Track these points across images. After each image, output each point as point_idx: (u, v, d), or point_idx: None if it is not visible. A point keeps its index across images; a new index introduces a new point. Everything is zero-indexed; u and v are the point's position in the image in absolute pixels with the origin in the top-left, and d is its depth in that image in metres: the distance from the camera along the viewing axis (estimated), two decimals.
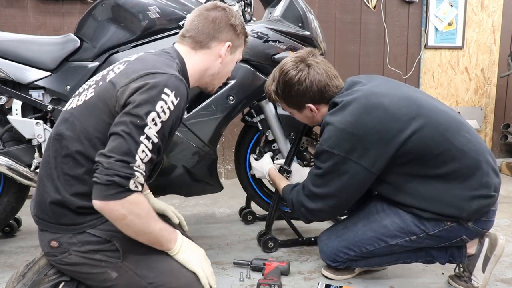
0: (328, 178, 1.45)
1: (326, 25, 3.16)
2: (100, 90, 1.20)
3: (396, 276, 1.70)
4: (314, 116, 1.58)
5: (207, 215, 2.48)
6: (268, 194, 2.11)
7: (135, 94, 1.12)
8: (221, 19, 1.36)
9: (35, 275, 1.29)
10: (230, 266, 1.78)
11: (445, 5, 3.43)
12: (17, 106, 1.80)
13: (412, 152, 1.37)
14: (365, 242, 1.52)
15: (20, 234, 2.16)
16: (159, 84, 1.12)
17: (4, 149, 1.79)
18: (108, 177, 1.04)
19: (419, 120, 1.36)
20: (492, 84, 3.66)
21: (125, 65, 1.25)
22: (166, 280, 1.24)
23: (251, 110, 1.97)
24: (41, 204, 1.24)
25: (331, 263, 1.61)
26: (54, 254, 1.23)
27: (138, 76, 1.15)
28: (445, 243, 1.48)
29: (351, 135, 1.37)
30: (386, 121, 1.36)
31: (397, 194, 1.46)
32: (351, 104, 1.40)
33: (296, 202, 1.57)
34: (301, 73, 1.49)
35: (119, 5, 1.74)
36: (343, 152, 1.39)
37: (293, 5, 1.85)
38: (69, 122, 1.21)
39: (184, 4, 1.78)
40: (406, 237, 1.46)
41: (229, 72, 1.49)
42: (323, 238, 1.66)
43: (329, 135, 1.42)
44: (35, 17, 2.84)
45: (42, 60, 1.79)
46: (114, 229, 1.16)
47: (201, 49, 1.36)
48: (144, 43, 1.76)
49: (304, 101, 1.53)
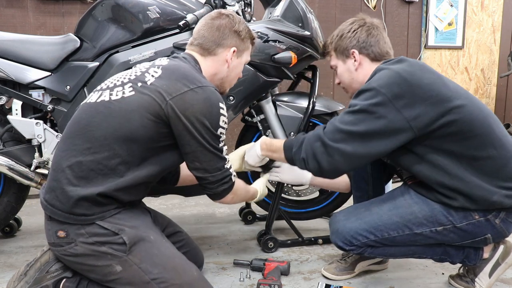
0: (361, 118, 1.32)
1: (326, 25, 3.16)
2: (143, 91, 1.26)
3: (396, 276, 1.70)
4: (355, 70, 1.53)
5: (207, 215, 2.48)
6: (268, 194, 2.11)
7: (195, 109, 1.25)
8: (225, 27, 1.42)
9: (37, 273, 1.30)
10: (230, 266, 1.78)
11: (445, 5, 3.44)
12: (17, 106, 1.80)
13: (455, 124, 1.31)
14: (389, 227, 1.43)
15: (20, 234, 2.16)
16: (213, 100, 1.28)
17: (4, 149, 1.79)
18: (220, 187, 1.36)
19: (465, 99, 1.34)
20: (492, 84, 3.66)
21: (161, 69, 1.31)
22: (169, 277, 1.26)
23: (251, 110, 1.97)
24: (55, 190, 1.25)
25: (345, 246, 1.49)
26: (60, 244, 1.25)
27: (188, 89, 1.26)
28: (469, 240, 1.42)
29: (404, 80, 1.31)
30: (438, 86, 1.33)
31: (430, 171, 1.37)
32: (408, 60, 1.40)
33: (311, 137, 1.41)
34: (357, 22, 1.55)
35: (119, 5, 1.74)
36: (390, 95, 1.29)
37: (293, 5, 1.85)
38: (105, 114, 1.25)
39: (184, 4, 1.78)
40: (432, 226, 1.40)
41: (238, 74, 1.54)
42: (339, 218, 1.53)
43: (380, 76, 1.35)
44: (35, 17, 2.84)
45: (42, 60, 1.79)
46: (122, 222, 1.24)
47: (209, 56, 1.43)
48: (144, 43, 1.76)
49: (350, 47, 1.52)
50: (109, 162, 1.23)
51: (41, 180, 1.80)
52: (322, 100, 1.97)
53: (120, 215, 1.27)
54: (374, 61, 1.51)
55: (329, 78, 3.35)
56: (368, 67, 1.51)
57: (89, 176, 1.23)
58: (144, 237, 1.27)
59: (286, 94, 2.00)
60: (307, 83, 2.04)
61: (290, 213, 2.08)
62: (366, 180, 1.69)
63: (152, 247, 1.27)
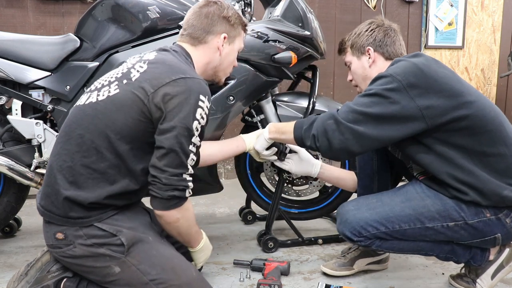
0: (376, 101, 1.34)
1: (326, 25, 3.16)
2: (127, 88, 1.24)
3: (396, 276, 1.70)
4: (369, 67, 1.56)
5: (207, 215, 2.48)
6: (268, 194, 2.11)
7: (173, 100, 1.19)
8: (213, 13, 1.40)
9: (38, 272, 1.30)
10: (230, 266, 1.78)
11: (445, 5, 3.44)
12: (17, 106, 1.80)
13: (467, 118, 1.32)
14: (402, 220, 1.41)
15: (20, 234, 2.16)
16: (194, 91, 1.21)
17: (4, 149, 1.79)
18: (169, 192, 1.20)
19: (477, 96, 1.37)
20: (492, 84, 3.66)
21: (147, 64, 1.28)
22: (167, 278, 1.26)
23: (251, 110, 1.97)
24: (50, 196, 1.24)
25: (353, 236, 1.44)
26: (59, 246, 1.25)
27: (170, 80, 1.21)
28: (478, 239, 1.42)
29: (420, 71, 1.34)
30: (452, 80, 1.35)
31: (441, 164, 1.38)
32: (424, 55, 1.42)
33: (324, 116, 1.42)
34: (376, 23, 1.59)
35: (119, 5, 1.74)
36: (405, 83, 1.32)
37: (293, 5, 1.85)
38: (91, 116, 1.24)
39: (184, 4, 1.78)
40: (444, 222, 1.39)
41: (233, 62, 1.51)
42: (349, 207, 1.50)
43: (397, 65, 1.39)
44: (35, 17, 2.84)
45: (42, 60, 1.79)
46: (120, 223, 1.24)
47: (199, 44, 1.40)
48: (144, 43, 1.76)
49: (366, 44, 1.55)
50: (98, 166, 1.21)
51: (41, 180, 1.80)
52: (322, 100, 1.97)
53: (118, 216, 1.26)
54: (388, 60, 1.55)
55: (329, 78, 3.35)
56: (382, 65, 1.54)
57: (79, 181, 1.21)
58: (142, 238, 1.27)
59: (286, 94, 2.00)
60: (307, 83, 2.04)
61: (290, 213, 2.08)
62: (371, 177, 1.69)
63: (151, 248, 1.27)
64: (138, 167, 1.26)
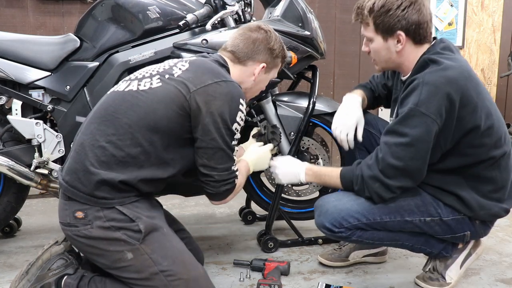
0: (417, 149, 1.32)
1: (326, 25, 3.16)
2: (170, 82, 1.30)
3: (396, 276, 1.71)
4: (396, 52, 1.42)
5: (207, 215, 2.48)
6: (268, 194, 2.11)
7: (216, 102, 1.28)
8: (260, 42, 1.46)
9: (39, 270, 1.30)
10: (230, 266, 1.78)
11: (445, 5, 3.43)
12: (17, 106, 1.80)
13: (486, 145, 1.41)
14: (383, 211, 1.42)
15: (20, 234, 2.16)
16: (235, 95, 1.32)
17: (4, 149, 1.78)
18: (223, 187, 1.36)
19: (497, 120, 1.46)
20: (492, 84, 3.66)
21: (189, 64, 1.36)
22: (177, 271, 1.27)
23: (251, 110, 1.97)
24: (77, 173, 1.25)
25: (333, 227, 1.42)
26: (76, 225, 1.25)
27: (212, 82, 1.30)
28: (449, 235, 1.49)
29: (452, 104, 1.32)
30: (481, 105, 1.38)
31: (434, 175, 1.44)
32: (456, 60, 1.38)
33: (369, 178, 1.39)
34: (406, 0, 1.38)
35: (119, 5, 1.74)
36: (439, 121, 1.31)
37: (293, 5, 1.85)
38: (131, 103, 1.28)
39: (184, 4, 1.78)
40: (422, 216, 1.44)
41: (262, 88, 1.58)
42: (329, 199, 1.48)
43: (428, 94, 1.30)
44: (35, 17, 2.84)
45: (42, 60, 1.79)
46: (140, 211, 1.27)
47: (238, 64, 1.47)
48: (144, 43, 1.76)
49: (398, 27, 1.37)
50: (131, 150, 1.25)
51: (41, 180, 1.80)
52: (322, 100, 1.97)
53: (138, 203, 1.28)
54: (417, 45, 1.41)
55: (329, 78, 3.35)
56: (410, 51, 1.42)
57: (110, 162, 1.24)
58: (158, 228, 1.29)
59: (286, 94, 2.00)
60: (307, 83, 2.04)
61: (290, 213, 2.08)
62: None
63: (165, 239, 1.29)
64: (168, 157, 1.31)
